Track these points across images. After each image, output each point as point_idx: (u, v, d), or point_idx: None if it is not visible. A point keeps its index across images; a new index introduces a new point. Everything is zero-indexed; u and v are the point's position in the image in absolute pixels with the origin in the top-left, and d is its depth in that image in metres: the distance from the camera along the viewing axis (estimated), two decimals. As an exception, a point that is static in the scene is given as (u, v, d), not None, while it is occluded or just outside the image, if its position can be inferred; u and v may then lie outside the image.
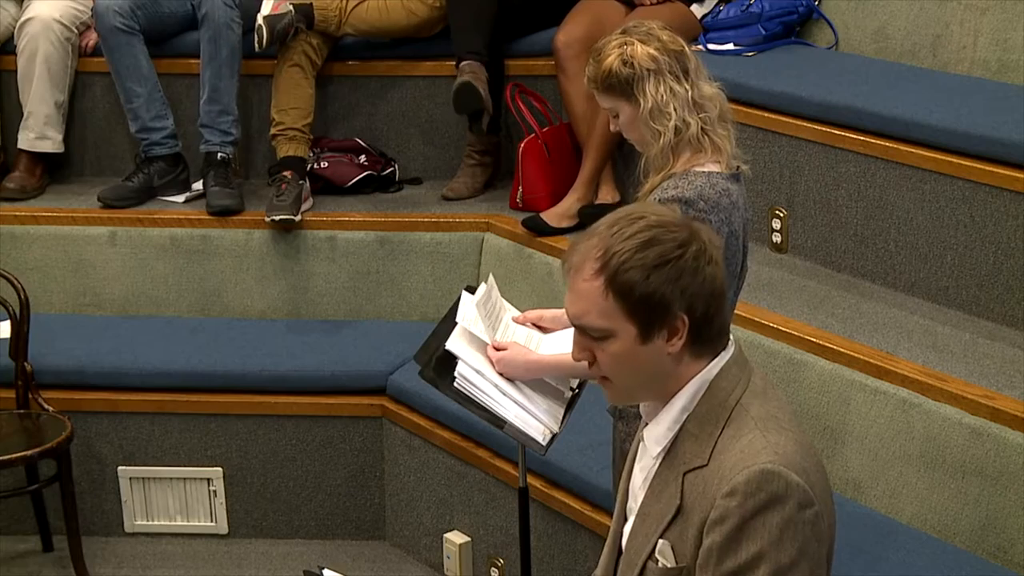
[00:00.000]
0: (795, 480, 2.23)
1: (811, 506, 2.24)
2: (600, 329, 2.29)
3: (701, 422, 2.32)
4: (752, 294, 4.28)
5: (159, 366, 4.92)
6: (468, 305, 3.49)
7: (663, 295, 2.25)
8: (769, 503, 2.22)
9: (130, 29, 5.27)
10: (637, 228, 2.27)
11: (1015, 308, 4.03)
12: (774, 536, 2.21)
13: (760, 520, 2.22)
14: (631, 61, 3.15)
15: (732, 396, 2.33)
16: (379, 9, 5.31)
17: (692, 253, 2.26)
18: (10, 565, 4.88)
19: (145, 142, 5.36)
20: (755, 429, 2.28)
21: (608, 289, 2.26)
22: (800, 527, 2.23)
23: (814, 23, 5.19)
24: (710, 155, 3.17)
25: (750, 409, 2.32)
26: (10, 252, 5.24)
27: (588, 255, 2.29)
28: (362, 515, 4.96)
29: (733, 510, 2.22)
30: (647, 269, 2.25)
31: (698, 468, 2.30)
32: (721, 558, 2.23)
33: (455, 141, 5.50)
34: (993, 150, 4.06)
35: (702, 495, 2.28)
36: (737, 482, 2.22)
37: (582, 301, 2.30)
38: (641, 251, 2.25)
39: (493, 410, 3.34)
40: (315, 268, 5.21)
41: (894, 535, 3.75)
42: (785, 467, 2.23)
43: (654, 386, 2.35)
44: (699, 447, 2.31)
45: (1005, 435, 3.60)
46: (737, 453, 2.26)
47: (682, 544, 2.31)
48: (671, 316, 2.26)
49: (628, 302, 2.26)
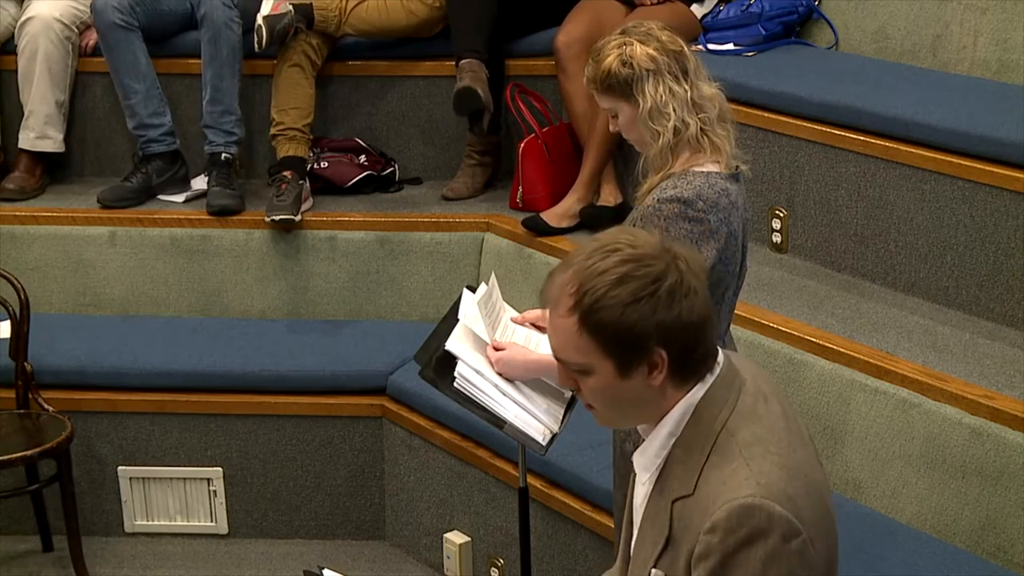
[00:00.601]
0: (778, 512, 2.19)
1: (797, 536, 2.20)
2: (578, 364, 2.27)
3: (688, 448, 2.29)
4: (752, 294, 4.28)
5: (159, 366, 4.92)
6: (469, 304, 3.50)
7: (638, 332, 2.21)
8: (751, 538, 2.18)
9: (128, 25, 5.27)
10: (611, 263, 2.22)
11: (1015, 308, 4.03)
12: (757, 570, 2.18)
13: (743, 555, 2.18)
14: (630, 61, 3.15)
15: (718, 420, 2.28)
16: (379, 9, 5.31)
17: (667, 288, 2.22)
18: (10, 565, 4.88)
19: (143, 139, 5.36)
20: (739, 457, 2.24)
21: (581, 327, 2.23)
22: (785, 559, 2.19)
23: (814, 23, 5.19)
24: (709, 155, 3.17)
25: (736, 434, 2.27)
26: (10, 252, 5.24)
27: (563, 290, 2.25)
28: (362, 515, 4.97)
29: (715, 547, 2.19)
30: (621, 307, 2.20)
31: (684, 497, 2.27)
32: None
33: (455, 141, 5.50)
34: (993, 150, 4.06)
35: (688, 527, 2.25)
36: (718, 518, 2.19)
37: (559, 336, 2.28)
38: (615, 288, 2.21)
39: (493, 410, 3.34)
40: (315, 268, 5.21)
41: (894, 535, 3.75)
42: (768, 498, 2.19)
43: (639, 414, 2.33)
44: (686, 474, 2.28)
45: (1005, 435, 3.60)
46: (719, 484, 2.22)
47: (674, 573, 2.28)
48: (648, 352, 2.23)
49: (602, 339, 2.23)
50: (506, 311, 3.50)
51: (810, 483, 2.28)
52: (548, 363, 3.31)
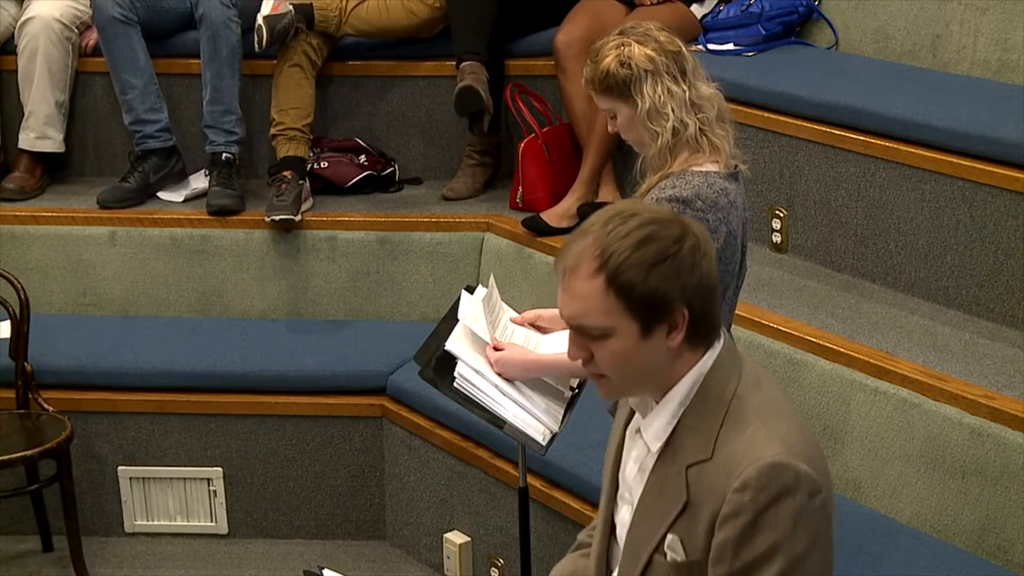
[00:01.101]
0: (803, 469, 2.26)
1: (819, 493, 2.28)
2: (601, 328, 2.30)
3: (699, 416, 2.35)
4: (752, 294, 4.28)
5: (159, 366, 4.92)
6: (469, 304, 3.50)
7: (664, 291, 2.27)
8: (781, 495, 2.25)
9: (128, 20, 5.28)
10: (632, 226, 2.28)
11: (1015, 308, 4.03)
12: (788, 527, 2.25)
13: (773, 512, 2.25)
14: (628, 62, 3.15)
15: (728, 388, 2.35)
16: (379, 9, 5.31)
17: (688, 248, 2.29)
18: (10, 565, 4.88)
19: (139, 135, 5.36)
20: (756, 421, 2.31)
21: (609, 288, 2.27)
22: (811, 515, 2.27)
23: (814, 23, 5.19)
24: (708, 155, 3.17)
25: (747, 400, 2.34)
26: (10, 252, 5.24)
27: (584, 255, 2.29)
28: (362, 515, 4.97)
29: (746, 504, 2.25)
30: (647, 266, 2.26)
31: (702, 462, 2.32)
32: (737, 552, 2.26)
33: (455, 141, 5.50)
34: (993, 150, 4.06)
35: (710, 489, 2.30)
36: (748, 476, 2.25)
37: (580, 301, 2.30)
38: (639, 248, 2.27)
39: (493, 410, 3.34)
40: (315, 268, 5.21)
41: (894, 535, 3.75)
42: (793, 458, 2.27)
43: (651, 381, 2.37)
44: (700, 441, 2.33)
45: (1005, 435, 3.60)
46: (743, 446, 2.29)
47: (692, 538, 2.33)
48: (671, 311, 2.29)
49: (630, 300, 2.27)
50: (505, 312, 3.51)
51: (817, 445, 2.38)
52: (547, 363, 3.32)
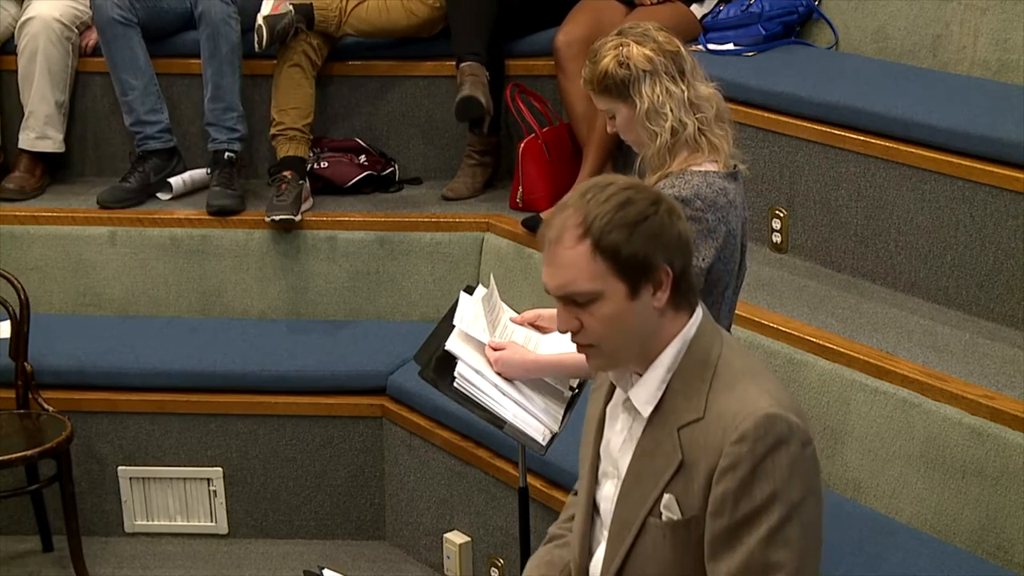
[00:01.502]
0: (795, 421, 2.37)
1: (809, 443, 2.38)
2: (590, 292, 2.38)
3: (687, 379, 2.43)
4: (752, 294, 4.28)
5: (159, 366, 4.92)
6: (467, 305, 3.50)
7: (648, 250, 2.36)
8: (777, 445, 2.34)
9: (127, 21, 5.28)
10: (610, 192, 2.39)
11: (1015, 308, 4.03)
12: (784, 475, 2.34)
13: (770, 462, 2.34)
14: (627, 62, 3.15)
15: (712, 352, 2.45)
16: (379, 9, 5.31)
17: (665, 209, 2.39)
18: (10, 565, 4.88)
19: (139, 136, 5.36)
20: (744, 379, 2.41)
21: (595, 251, 2.36)
22: (804, 464, 2.37)
23: (814, 23, 5.19)
24: (707, 155, 3.17)
25: (732, 362, 2.44)
26: (10, 252, 5.24)
27: (566, 225, 2.39)
28: (362, 515, 4.97)
29: (744, 455, 2.33)
30: (630, 226, 2.36)
31: (694, 422, 2.40)
32: (737, 502, 2.35)
33: (455, 141, 5.50)
34: (993, 150, 4.06)
35: (704, 446, 2.38)
36: (745, 428, 2.34)
37: (567, 268, 2.39)
38: (620, 210, 2.36)
39: (493, 410, 3.34)
40: (315, 268, 5.21)
41: (894, 535, 3.75)
42: (784, 410, 2.37)
43: (640, 346, 2.44)
44: (690, 402, 2.42)
45: (1005, 435, 3.60)
46: (735, 403, 2.37)
47: (688, 496, 2.41)
48: (656, 269, 2.38)
49: (616, 261, 2.36)
50: (505, 312, 3.51)
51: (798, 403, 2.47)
52: (547, 363, 3.32)
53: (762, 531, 2.34)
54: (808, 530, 2.38)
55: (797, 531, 2.35)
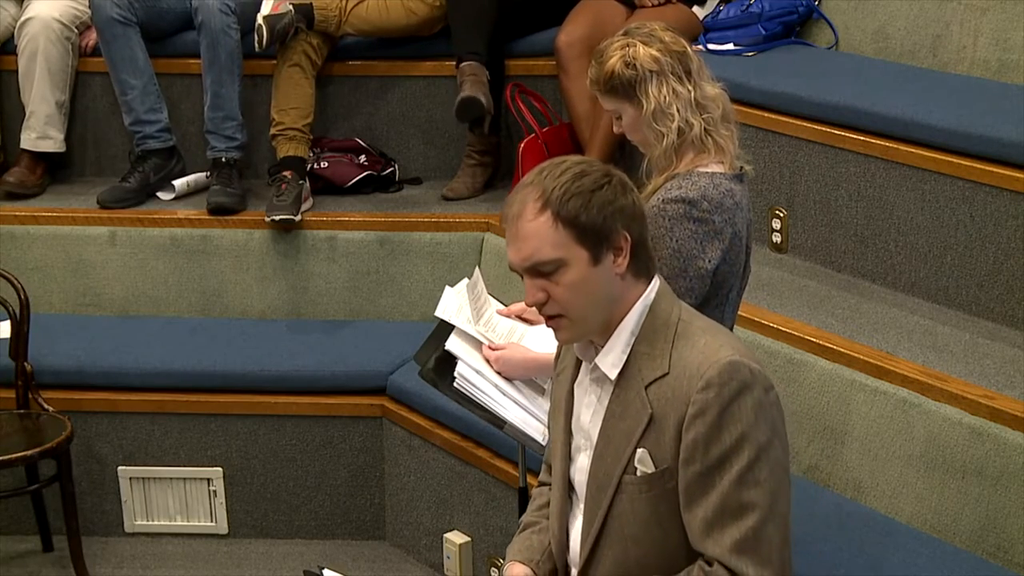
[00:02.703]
0: (756, 367, 2.48)
1: (772, 388, 2.50)
2: (553, 260, 2.48)
3: (650, 341, 2.54)
4: (752, 294, 4.27)
5: (159, 366, 4.92)
6: (450, 297, 3.50)
7: (605, 217, 2.48)
8: (742, 389, 2.45)
9: (127, 20, 5.28)
10: (565, 166, 2.53)
11: (1015, 308, 4.03)
12: (750, 418, 2.44)
13: (736, 405, 2.44)
14: (633, 63, 3.15)
15: (672, 315, 2.56)
16: (379, 8, 5.31)
17: (617, 180, 2.53)
18: (10, 565, 4.88)
19: (139, 135, 5.36)
20: (703, 335, 2.52)
21: (556, 220, 2.48)
22: (768, 407, 2.48)
23: (814, 23, 5.20)
24: (713, 156, 3.17)
25: (692, 323, 2.56)
26: (10, 252, 5.24)
27: (527, 200, 2.51)
28: (362, 515, 4.97)
29: (712, 401, 2.44)
30: (587, 193, 2.49)
31: (660, 378, 2.51)
32: (707, 447, 2.45)
33: (455, 141, 5.50)
34: (993, 150, 4.06)
35: (672, 399, 2.48)
36: (711, 376, 2.44)
37: (531, 239, 2.49)
38: (576, 180, 2.50)
39: (493, 410, 3.35)
40: (315, 268, 5.21)
41: (894, 535, 3.75)
42: (745, 358, 2.48)
43: (605, 311, 2.54)
44: (655, 362, 2.52)
45: (1005, 435, 3.60)
46: (698, 355, 2.48)
47: (660, 448, 2.50)
48: (615, 234, 2.50)
49: (576, 227, 2.47)
50: (491, 304, 3.50)
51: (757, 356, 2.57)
52: (547, 361, 3.32)
53: (733, 473, 2.43)
54: (776, 471, 2.47)
55: (766, 471, 2.45)
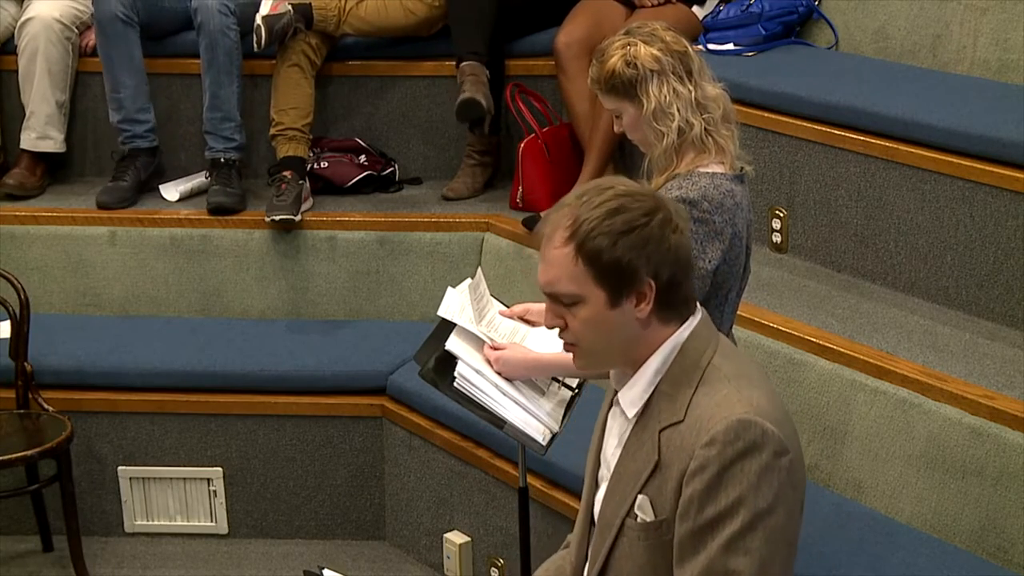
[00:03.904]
0: (770, 429, 2.34)
1: (786, 454, 2.35)
2: (570, 295, 2.40)
3: (675, 382, 2.43)
4: (752, 294, 4.28)
5: (159, 366, 4.92)
6: (453, 297, 3.50)
7: (630, 260, 2.36)
8: (747, 451, 2.32)
9: (129, 20, 5.28)
10: (605, 197, 2.39)
11: (1015, 308, 4.03)
12: (752, 482, 2.31)
13: (739, 467, 2.32)
14: (634, 62, 3.15)
15: (704, 357, 2.43)
16: (378, 9, 5.31)
17: (658, 221, 2.38)
18: (10, 565, 4.88)
19: (127, 134, 5.36)
20: (729, 385, 2.39)
21: (577, 255, 2.38)
22: (776, 474, 2.33)
23: (814, 23, 5.19)
24: (714, 156, 3.17)
25: (722, 368, 2.42)
26: (10, 252, 5.23)
27: (559, 224, 2.41)
28: (362, 515, 4.97)
29: (713, 459, 2.32)
30: (614, 235, 2.36)
31: (674, 424, 2.40)
32: (702, 506, 2.33)
33: (455, 141, 5.50)
34: (993, 150, 4.06)
35: (680, 448, 2.37)
36: (716, 432, 2.32)
37: (553, 268, 2.41)
38: (608, 218, 2.37)
39: (493, 410, 3.34)
40: (315, 268, 5.21)
41: (894, 535, 3.75)
42: (760, 417, 2.34)
43: (622, 351, 2.45)
44: (674, 405, 2.41)
45: (1005, 435, 3.60)
46: (713, 407, 2.36)
47: (661, 498, 2.40)
48: (638, 281, 2.38)
49: (596, 268, 2.37)
50: (494, 304, 3.50)
51: (788, 416, 2.44)
52: (548, 362, 3.32)
53: (723, 537, 2.32)
54: (773, 541, 2.33)
55: (759, 540, 2.32)
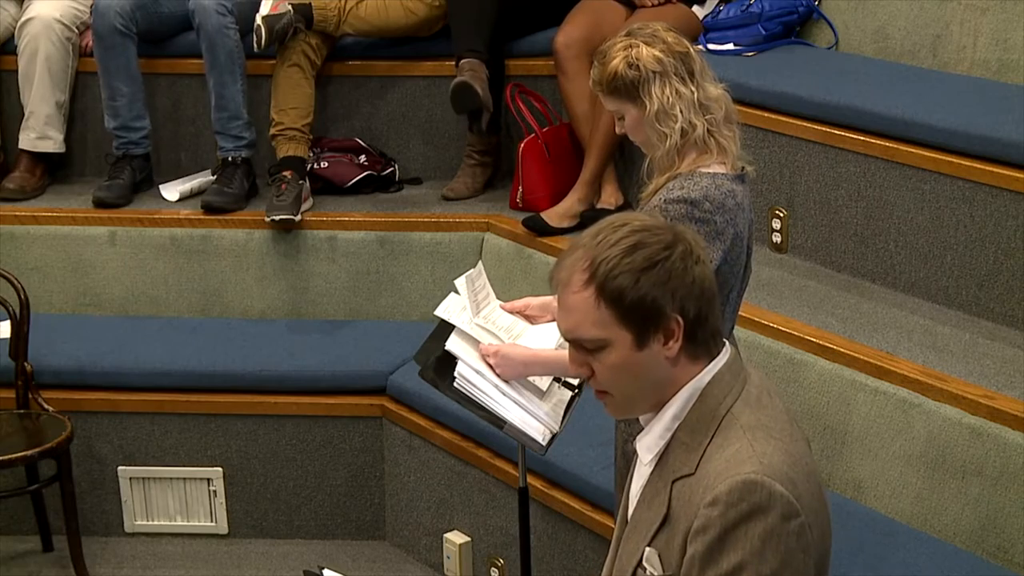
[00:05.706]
0: (779, 490, 2.20)
1: (796, 517, 2.21)
2: (595, 340, 2.27)
3: (692, 431, 2.30)
4: (752, 294, 4.27)
5: (159, 366, 4.92)
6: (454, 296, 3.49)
7: (654, 298, 2.23)
8: (751, 513, 2.19)
9: (127, 31, 5.29)
10: (621, 235, 2.25)
11: (1015, 308, 4.03)
12: (755, 547, 2.18)
13: (742, 530, 2.19)
14: (636, 63, 3.14)
15: (723, 405, 2.30)
16: (378, 8, 5.31)
17: (679, 254, 2.25)
18: (10, 565, 4.88)
19: (122, 140, 5.37)
20: (743, 438, 2.25)
21: (599, 298, 2.24)
22: (783, 538, 2.20)
23: (814, 23, 5.19)
24: (715, 156, 3.17)
25: (740, 418, 2.29)
26: (10, 252, 5.24)
27: (575, 268, 2.26)
28: (362, 515, 4.97)
29: (715, 520, 2.19)
30: (636, 273, 2.23)
31: (685, 476, 2.27)
32: (703, 568, 2.21)
33: (455, 141, 5.50)
34: (993, 150, 4.06)
35: (687, 503, 2.26)
36: (719, 492, 2.20)
37: (574, 314, 2.27)
38: (628, 256, 2.23)
39: (493, 410, 3.34)
40: (315, 268, 5.21)
41: (894, 535, 3.75)
42: (769, 477, 2.20)
43: (653, 394, 2.32)
44: (688, 455, 2.28)
45: (1005, 435, 3.61)
46: (722, 462, 2.23)
47: (669, 553, 2.29)
48: (665, 318, 2.24)
49: (620, 308, 2.24)
50: (492, 298, 3.50)
51: (810, 473, 2.29)
52: (546, 359, 3.31)
53: None
54: None
55: None
